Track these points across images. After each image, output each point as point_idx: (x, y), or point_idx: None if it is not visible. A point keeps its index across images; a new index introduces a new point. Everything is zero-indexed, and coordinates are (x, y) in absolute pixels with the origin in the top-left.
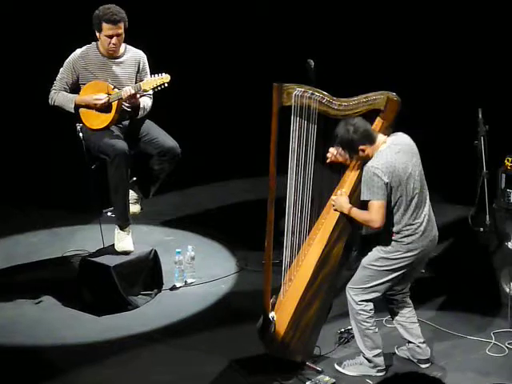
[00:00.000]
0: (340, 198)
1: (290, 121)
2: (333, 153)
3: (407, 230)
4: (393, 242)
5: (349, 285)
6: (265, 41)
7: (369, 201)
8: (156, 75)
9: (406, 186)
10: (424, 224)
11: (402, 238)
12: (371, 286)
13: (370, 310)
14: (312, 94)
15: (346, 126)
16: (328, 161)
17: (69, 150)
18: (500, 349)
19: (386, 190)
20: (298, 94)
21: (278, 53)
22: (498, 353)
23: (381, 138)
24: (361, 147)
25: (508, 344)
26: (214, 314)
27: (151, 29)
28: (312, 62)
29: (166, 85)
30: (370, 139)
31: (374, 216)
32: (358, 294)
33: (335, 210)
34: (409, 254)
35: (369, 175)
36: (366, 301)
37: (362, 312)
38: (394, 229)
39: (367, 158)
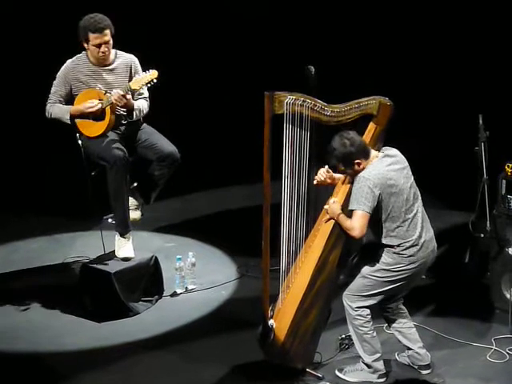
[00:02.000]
0: (333, 205)
1: (284, 128)
2: (319, 178)
3: (407, 242)
4: (394, 255)
5: (346, 292)
6: (266, 47)
7: (354, 210)
8: (143, 73)
9: (399, 198)
10: (423, 235)
11: (403, 250)
12: (369, 295)
13: (367, 315)
14: (303, 101)
15: (343, 140)
16: (315, 183)
17: (69, 157)
18: (501, 355)
19: (373, 201)
20: (289, 101)
21: (279, 59)
22: (499, 359)
23: (374, 152)
24: (357, 161)
25: (509, 350)
26: (214, 321)
27: (151, 35)
28: (312, 69)
29: (155, 81)
30: (365, 153)
31: (354, 224)
32: (354, 301)
33: (330, 217)
34: (410, 266)
35: (360, 185)
36: (363, 307)
37: (359, 317)
38: (394, 242)
39: (359, 173)
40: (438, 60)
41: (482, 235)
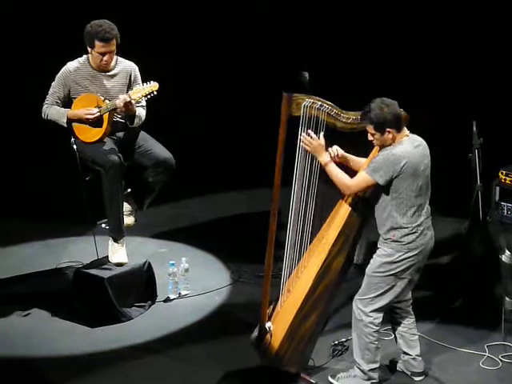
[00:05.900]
0: (316, 142)
1: (298, 132)
2: (331, 153)
3: (407, 227)
4: (393, 244)
5: (357, 296)
6: (258, 53)
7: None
8: (144, 84)
9: (414, 182)
10: (423, 224)
11: (401, 237)
12: (379, 294)
13: (378, 323)
14: (321, 105)
15: (382, 105)
16: (332, 155)
17: (63, 162)
18: (493, 362)
19: (390, 176)
20: (307, 104)
21: (272, 64)
22: (492, 366)
23: (405, 130)
24: (388, 129)
25: (501, 357)
26: (207, 326)
27: (151, 39)
28: (307, 74)
29: (155, 93)
30: (398, 125)
31: (353, 185)
32: (367, 305)
33: (309, 151)
34: (410, 254)
35: (383, 156)
36: (376, 311)
37: (371, 325)
38: (395, 224)
39: (385, 143)
40: (432, 66)
41: (476, 242)
